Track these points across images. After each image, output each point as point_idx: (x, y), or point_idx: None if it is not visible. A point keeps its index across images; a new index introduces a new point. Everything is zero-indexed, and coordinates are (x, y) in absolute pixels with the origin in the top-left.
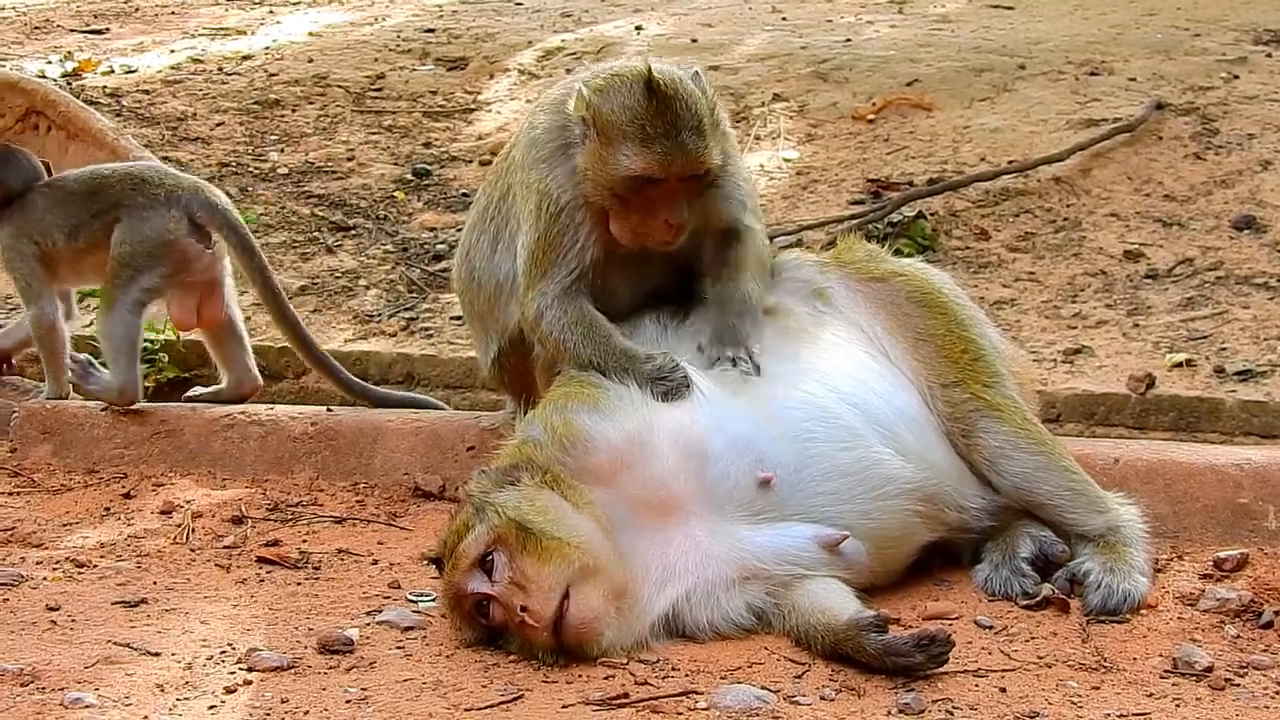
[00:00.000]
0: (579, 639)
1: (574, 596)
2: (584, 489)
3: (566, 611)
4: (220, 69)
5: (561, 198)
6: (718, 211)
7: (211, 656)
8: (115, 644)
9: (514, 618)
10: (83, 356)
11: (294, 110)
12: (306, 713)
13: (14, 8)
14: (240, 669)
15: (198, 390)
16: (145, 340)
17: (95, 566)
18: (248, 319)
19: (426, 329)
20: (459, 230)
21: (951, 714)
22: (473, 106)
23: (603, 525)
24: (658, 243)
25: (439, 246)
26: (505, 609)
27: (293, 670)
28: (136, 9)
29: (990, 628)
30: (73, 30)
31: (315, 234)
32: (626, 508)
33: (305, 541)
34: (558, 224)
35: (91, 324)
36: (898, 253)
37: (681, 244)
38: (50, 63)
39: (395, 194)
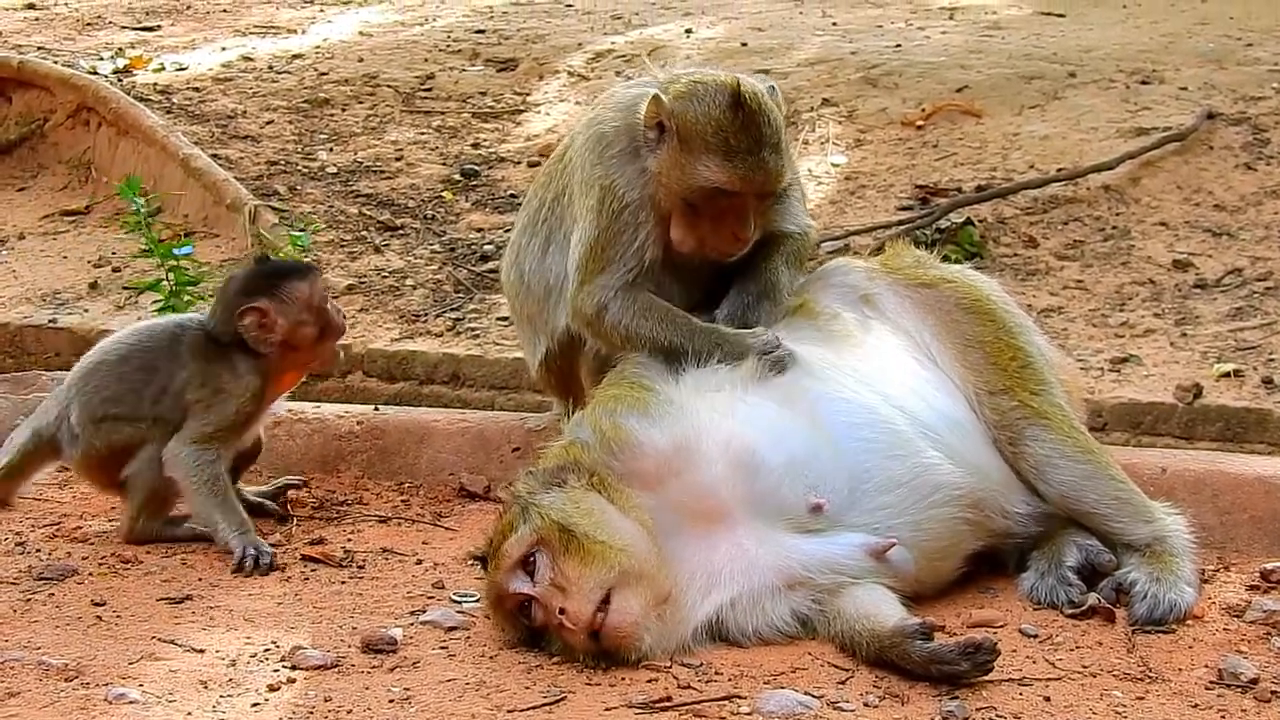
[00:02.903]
0: (617, 643)
1: (614, 601)
2: (630, 493)
3: (606, 615)
4: (270, 67)
5: (627, 195)
6: (772, 221)
7: (255, 654)
8: (160, 640)
9: (553, 619)
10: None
11: (343, 109)
12: (349, 711)
13: (67, 3)
14: (284, 667)
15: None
16: None
17: (141, 562)
18: None
19: (473, 329)
20: (507, 231)
21: None
22: (522, 108)
23: (648, 529)
24: (720, 254)
25: (486, 247)
26: (545, 610)
27: (336, 669)
28: (188, 6)
29: (1035, 636)
30: (124, 27)
31: (363, 233)
32: (673, 513)
33: (350, 540)
34: (619, 221)
35: None
36: (945, 259)
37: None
38: (102, 59)
39: (443, 194)
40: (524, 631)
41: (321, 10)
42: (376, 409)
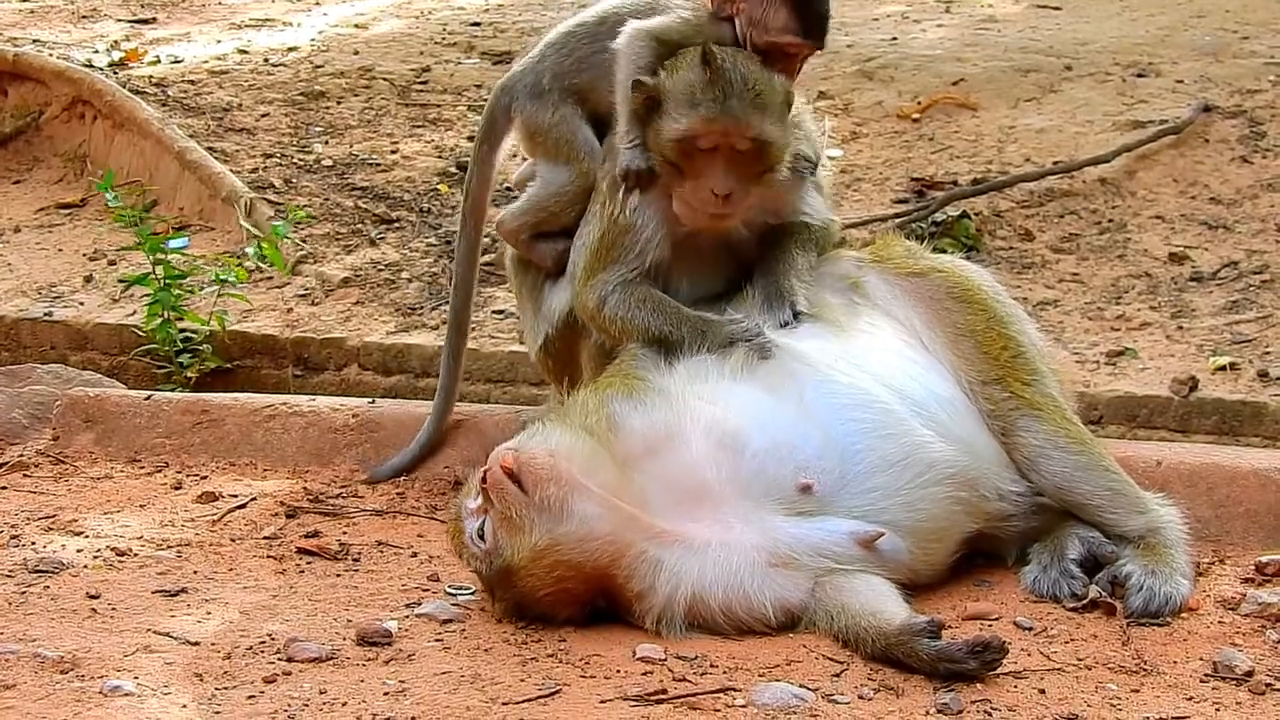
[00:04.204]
0: (524, 470)
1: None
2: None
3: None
4: (266, 60)
5: (631, 199)
6: (789, 209)
7: (251, 646)
8: (155, 632)
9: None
10: None
11: (339, 102)
12: (344, 704)
13: None
14: (279, 659)
15: None
16: (190, 331)
17: (136, 555)
18: (289, 310)
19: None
20: None
21: (990, 715)
22: None
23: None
24: (711, 218)
25: (482, 240)
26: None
27: (331, 661)
28: None
29: (1030, 629)
30: (120, 20)
31: (358, 226)
32: (656, 488)
33: (345, 533)
34: (622, 225)
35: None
36: (940, 252)
37: (745, 238)
38: (97, 52)
39: (439, 187)
40: (477, 562)
41: (317, 3)
42: (372, 402)
